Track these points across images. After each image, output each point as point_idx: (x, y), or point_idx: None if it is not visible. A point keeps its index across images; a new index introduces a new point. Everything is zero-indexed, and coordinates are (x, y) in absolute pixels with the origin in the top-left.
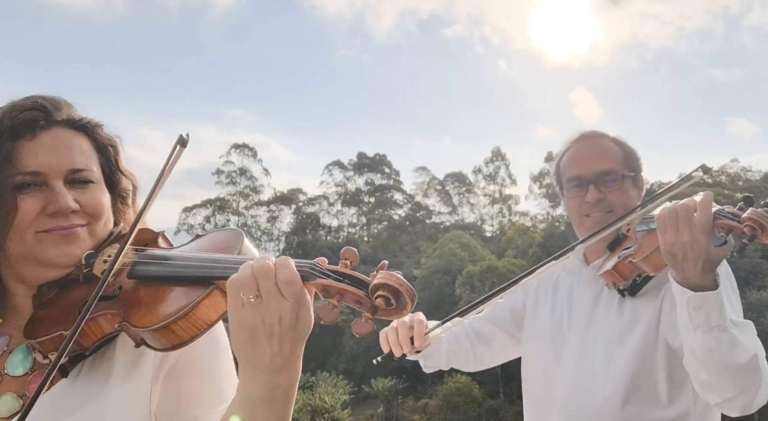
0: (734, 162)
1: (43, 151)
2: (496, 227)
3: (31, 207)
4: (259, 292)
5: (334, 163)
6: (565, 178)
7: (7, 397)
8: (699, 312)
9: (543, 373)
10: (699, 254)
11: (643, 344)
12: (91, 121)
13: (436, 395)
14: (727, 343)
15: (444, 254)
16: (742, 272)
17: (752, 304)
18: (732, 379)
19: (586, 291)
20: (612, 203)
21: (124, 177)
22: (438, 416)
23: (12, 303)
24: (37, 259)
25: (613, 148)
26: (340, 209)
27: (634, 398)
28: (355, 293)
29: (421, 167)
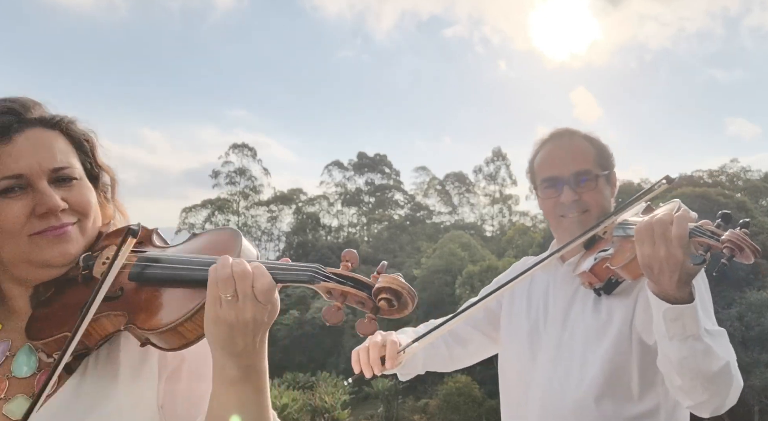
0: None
1: (22, 153)
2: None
3: (20, 210)
4: (236, 292)
5: (334, 164)
6: (540, 179)
7: (19, 399)
8: (675, 323)
9: (520, 371)
10: (675, 268)
11: (618, 342)
12: (64, 118)
13: (436, 395)
14: (701, 352)
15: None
16: (742, 272)
17: (752, 304)
18: (705, 385)
19: (562, 290)
20: (587, 203)
21: (103, 171)
22: (438, 416)
23: (9, 306)
24: (33, 261)
25: (586, 147)
26: (341, 209)
27: (609, 394)
28: (358, 295)
29: (421, 167)
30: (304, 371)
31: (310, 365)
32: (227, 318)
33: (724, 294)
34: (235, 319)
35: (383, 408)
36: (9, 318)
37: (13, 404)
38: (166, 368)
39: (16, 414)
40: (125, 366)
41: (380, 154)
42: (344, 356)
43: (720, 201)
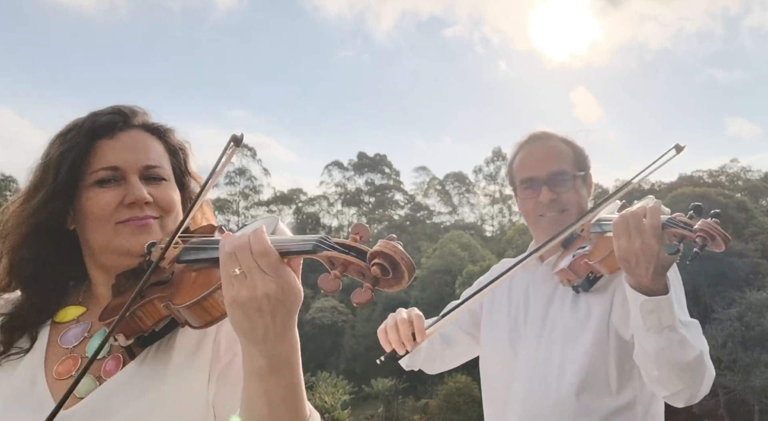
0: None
1: (122, 148)
2: (497, 226)
3: (111, 199)
4: (241, 266)
5: (334, 164)
6: (518, 179)
7: (87, 377)
8: (651, 315)
9: (501, 369)
10: (650, 259)
11: (597, 337)
12: (163, 126)
13: (437, 395)
14: (676, 342)
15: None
16: (741, 272)
17: (752, 304)
18: (680, 375)
19: (541, 288)
20: (565, 203)
21: (193, 180)
22: (438, 416)
23: (94, 292)
24: (116, 248)
25: (563, 148)
26: (341, 209)
27: (588, 388)
28: (357, 264)
29: (421, 167)
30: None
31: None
32: (240, 297)
33: (724, 294)
34: (247, 297)
35: (383, 408)
36: (92, 304)
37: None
38: (219, 362)
39: (81, 392)
40: (178, 357)
41: (380, 154)
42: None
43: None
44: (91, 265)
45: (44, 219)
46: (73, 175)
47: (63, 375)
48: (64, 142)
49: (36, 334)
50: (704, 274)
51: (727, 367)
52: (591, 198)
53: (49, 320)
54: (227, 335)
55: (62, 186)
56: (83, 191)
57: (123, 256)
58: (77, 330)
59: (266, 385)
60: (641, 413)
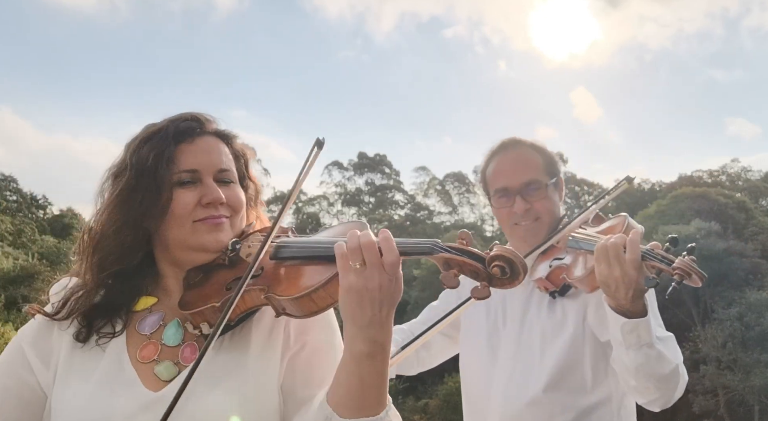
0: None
1: (199, 152)
2: (496, 226)
3: (190, 199)
4: (364, 261)
5: (334, 164)
6: (492, 189)
7: (168, 363)
8: (631, 335)
9: (481, 369)
10: (629, 286)
11: (573, 339)
12: (230, 133)
13: (437, 395)
14: (654, 358)
15: None
16: (741, 272)
17: (752, 304)
18: (657, 385)
19: (519, 292)
20: (538, 211)
21: (252, 183)
22: (438, 416)
23: (164, 285)
24: (192, 245)
25: (533, 156)
26: (341, 209)
27: (564, 387)
28: (472, 265)
29: (421, 167)
30: None
31: None
32: (357, 286)
33: (724, 294)
34: (363, 286)
35: None
36: (163, 295)
37: (162, 367)
38: (289, 350)
39: (164, 376)
40: (255, 344)
41: (380, 154)
42: None
43: (720, 201)
44: (163, 259)
45: (139, 218)
46: (164, 177)
47: (146, 359)
48: (153, 147)
49: (123, 320)
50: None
51: (727, 367)
52: (562, 201)
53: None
54: (296, 327)
55: (158, 188)
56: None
57: (198, 252)
58: (153, 319)
59: (362, 368)
60: (616, 408)
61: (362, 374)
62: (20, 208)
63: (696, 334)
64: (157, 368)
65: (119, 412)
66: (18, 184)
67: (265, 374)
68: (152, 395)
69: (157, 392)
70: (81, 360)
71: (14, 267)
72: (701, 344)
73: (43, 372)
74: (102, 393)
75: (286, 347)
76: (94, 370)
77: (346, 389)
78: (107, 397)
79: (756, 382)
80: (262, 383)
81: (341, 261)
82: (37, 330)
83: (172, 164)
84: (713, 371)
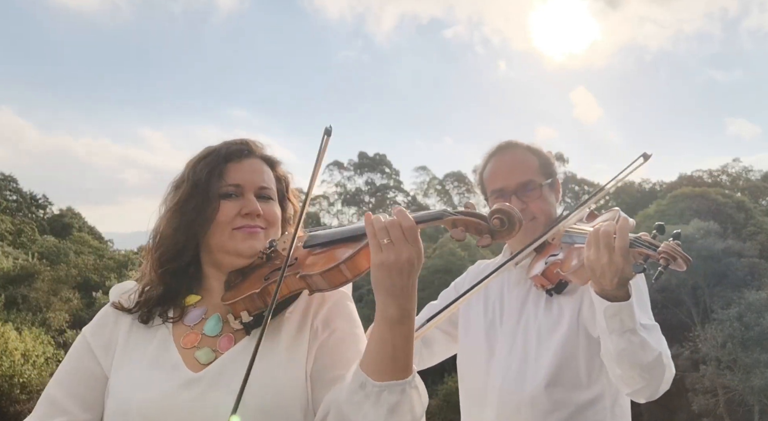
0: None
1: (244, 170)
2: None
3: (231, 209)
4: (391, 237)
5: (334, 163)
6: (489, 190)
7: (206, 349)
8: (614, 318)
9: (478, 367)
10: (615, 273)
11: (568, 335)
12: (275, 158)
13: (437, 395)
14: (637, 344)
15: (444, 253)
16: (740, 272)
17: (751, 304)
18: (641, 374)
19: (516, 290)
20: (534, 211)
21: (291, 205)
22: (438, 415)
23: (208, 285)
24: (229, 250)
25: (529, 158)
26: (341, 209)
27: (560, 383)
28: (477, 223)
29: (421, 167)
30: None
31: None
32: (388, 260)
33: (724, 294)
34: (394, 260)
35: None
36: (206, 294)
37: (202, 352)
38: (317, 340)
39: (203, 360)
40: (286, 334)
41: (380, 153)
42: None
43: (719, 201)
44: (207, 262)
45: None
46: (214, 190)
47: (188, 345)
48: (206, 164)
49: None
50: (703, 274)
51: (726, 367)
52: (559, 202)
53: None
54: (322, 321)
55: (208, 198)
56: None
57: (235, 256)
58: (197, 312)
59: (393, 332)
60: (609, 405)
61: (394, 338)
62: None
63: (696, 334)
64: (197, 353)
65: (165, 389)
66: (18, 183)
67: (293, 360)
68: (192, 375)
69: (197, 373)
70: (135, 343)
71: (14, 267)
72: (701, 344)
73: (103, 357)
74: (150, 373)
75: (313, 338)
76: (145, 353)
77: (380, 355)
78: (155, 376)
79: (756, 382)
80: (291, 368)
81: (372, 240)
82: (97, 322)
83: (221, 179)
84: (713, 371)
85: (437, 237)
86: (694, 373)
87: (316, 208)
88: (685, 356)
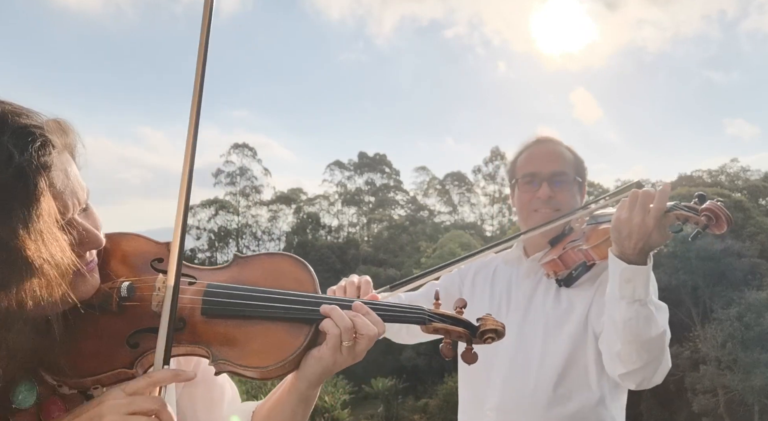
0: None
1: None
2: (496, 226)
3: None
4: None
5: (335, 163)
6: (521, 174)
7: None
8: (628, 284)
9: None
10: (641, 236)
11: (577, 331)
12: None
13: (437, 395)
14: (644, 316)
15: (444, 253)
16: (740, 272)
17: (752, 304)
18: (640, 351)
19: (525, 281)
20: (560, 202)
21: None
22: (438, 415)
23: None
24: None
25: (566, 153)
26: (341, 209)
27: (566, 380)
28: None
29: (421, 167)
30: None
31: None
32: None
33: (724, 294)
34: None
35: (383, 408)
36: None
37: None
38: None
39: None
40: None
41: (380, 153)
42: None
43: None
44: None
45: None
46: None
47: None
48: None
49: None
50: (703, 274)
51: (727, 367)
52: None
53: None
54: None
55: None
56: None
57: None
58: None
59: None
60: (610, 405)
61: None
62: None
63: (696, 334)
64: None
65: None
66: None
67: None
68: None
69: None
70: None
71: None
72: (701, 343)
73: None
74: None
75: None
76: None
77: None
78: None
79: (756, 382)
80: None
81: (333, 340)
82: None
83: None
84: (713, 370)
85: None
86: (694, 373)
87: (316, 208)
88: (685, 355)
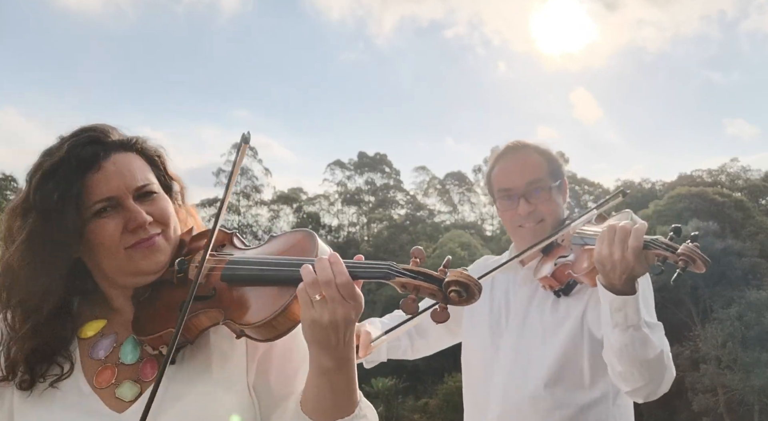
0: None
1: (111, 178)
2: (496, 226)
3: (114, 228)
4: (324, 294)
5: (335, 163)
6: (496, 189)
7: (128, 383)
8: (619, 313)
9: (482, 363)
10: (624, 270)
11: (572, 335)
12: (138, 139)
13: (437, 395)
14: (639, 340)
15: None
16: (740, 271)
17: (752, 304)
18: (641, 371)
19: (522, 290)
20: (542, 213)
21: (174, 181)
22: (438, 415)
23: (112, 305)
24: (130, 271)
25: (538, 160)
26: (341, 208)
27: (563, 382)
28: (430, 288)
29: (421, 167)
30: None
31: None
32: (322, 320)
33: (724, 294)
34: (328, 320)
35: (383, 408)
36: (112, 315)
37: (124, 388)
38: (257, 351)
39: (127, 396)
40: (216, 353)
41: (380, 153)
42: None
43: (717, 200)
44: (106, 285)
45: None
46: (75, 218)
47: (104, 384)
48: (57, 184)
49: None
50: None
51: (727, 366)
52: (565, 204)
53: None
54: None
55: (73, 229)
56: (86, 225)
57: (138, 276)
58: (106, 342)
59: (332, 380)
60: (611, 405)
61: (332, 385)
62: None
63: (696, 333)
64: (119, 391)
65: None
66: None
67: (229, 380)
68: (118, 417)
69: (122, 412)
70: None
71: None
72: (701, 343)
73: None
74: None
75: (252, 348)
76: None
77: (319, 398)
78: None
79: (756, 381)
80: (226, 389)
81: (302, 294)
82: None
83: (81, 200)
84: (713, 370)
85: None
86: (694, 372)
87: (316, 207)
88: (685, 355)
